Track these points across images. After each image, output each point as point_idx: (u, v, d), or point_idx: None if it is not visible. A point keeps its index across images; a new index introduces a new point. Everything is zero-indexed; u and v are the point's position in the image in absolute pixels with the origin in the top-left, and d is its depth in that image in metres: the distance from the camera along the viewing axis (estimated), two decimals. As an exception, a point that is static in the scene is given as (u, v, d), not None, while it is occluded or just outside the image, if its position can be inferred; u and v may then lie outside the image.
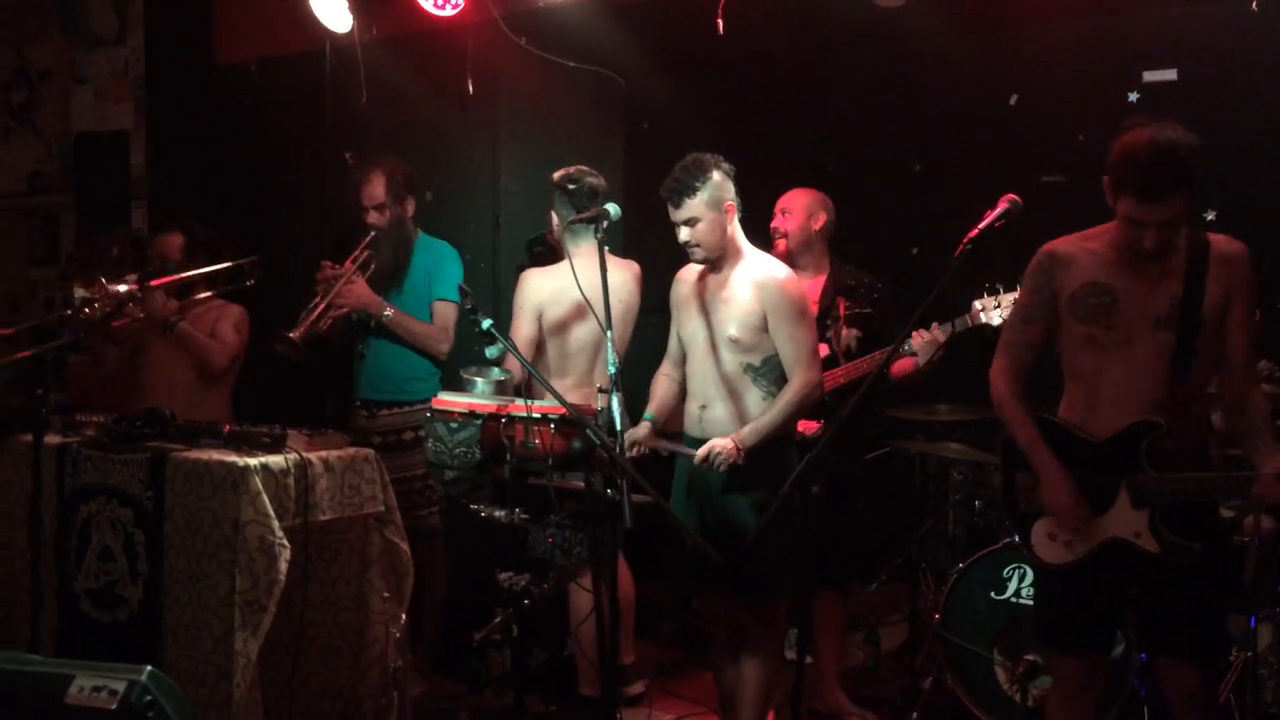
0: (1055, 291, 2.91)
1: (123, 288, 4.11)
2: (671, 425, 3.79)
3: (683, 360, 3.67)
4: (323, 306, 4.16)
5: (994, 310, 3.86)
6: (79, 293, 4.09)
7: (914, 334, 3.96)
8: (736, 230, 3.53)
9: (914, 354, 3.95)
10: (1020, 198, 2.84)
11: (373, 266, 4.31)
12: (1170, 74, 4.56)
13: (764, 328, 3.45)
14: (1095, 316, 2.84)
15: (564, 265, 3.88)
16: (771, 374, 3.48)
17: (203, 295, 4.46)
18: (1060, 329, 2.93)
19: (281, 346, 4.11)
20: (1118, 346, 2.83)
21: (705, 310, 3.54)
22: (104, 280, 4.09)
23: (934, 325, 3.98)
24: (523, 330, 3.99)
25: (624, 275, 4.08)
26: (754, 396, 3.48)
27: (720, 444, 3.37)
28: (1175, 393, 2.77)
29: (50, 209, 6.88)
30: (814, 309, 3.82)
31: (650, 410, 3.69)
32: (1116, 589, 2.90)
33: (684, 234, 3.47)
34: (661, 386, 3.74)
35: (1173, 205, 2.71)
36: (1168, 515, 2.78)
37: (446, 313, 4.36)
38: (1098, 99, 4.69)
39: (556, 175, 4.07)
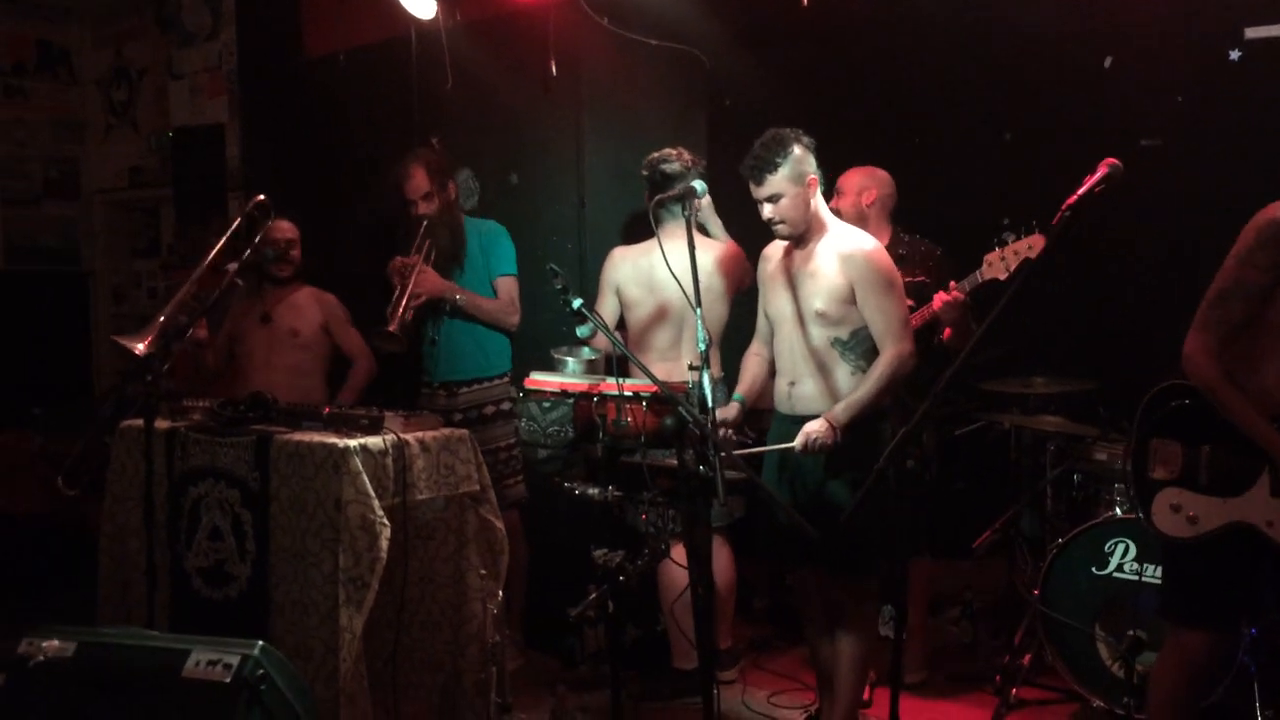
0: None
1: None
2: (762, 403, 3.79)
3: (771, 337, 3.65)
4: (406, 297, 4.26)
5: (1000, 264, 3.75)
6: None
7: (935, 296, 3.91)
8: (820, 204, 3.50)
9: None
10: (1119, 161, 2.75)
11: (433, 254, 4.41)
12: (1277, 30, 4.38)
13: (851, 300, 3.41)
14: None
15: (650, 243, 3.90)
16: (860, 347, 3.45)
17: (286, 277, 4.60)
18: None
19: (383, 341, 4.26)
20: None
21: (791, 285, 3.52)
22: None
23: (952, 284, 3.92)
24: (602, 307, 4.07)
25: (706, 255, 4.07)
26: (843, 371, 3.45)
27: (815, 428, 3.34)
28: None
29: (150, 202, 7.12)
30: None
31: (740, 390, 3.69)
32: (1244, 569, 2.81)
33: (767, 210, 3.45)
34: (751, 365, 3.73)
35: None
36: None
37: (509, 286, 4.49)
38: (1196, 58, 4.53)
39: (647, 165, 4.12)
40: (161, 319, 3.60)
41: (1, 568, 5.38)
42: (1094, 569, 3.82)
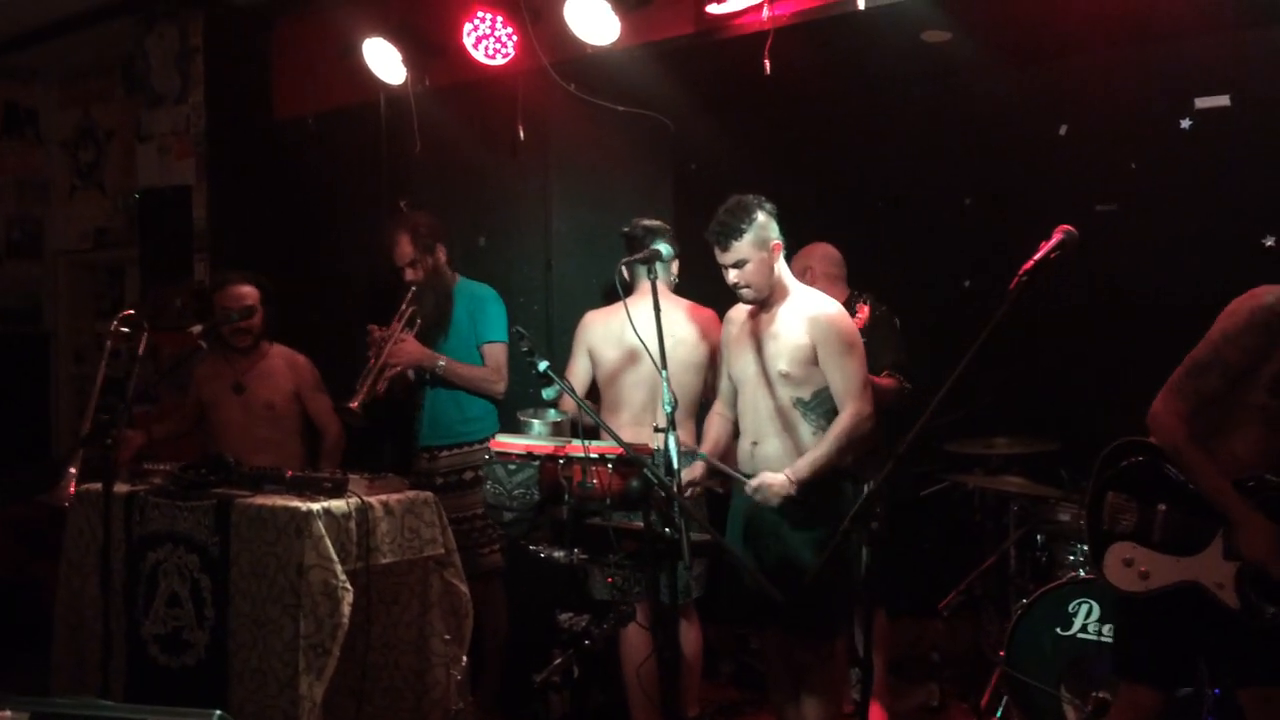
0: (1275, 350, 2.75)
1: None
2: (726, 462, 3.80)
3: (734, 399, 3.68)
4: (377, 369, 4.24)
5: None
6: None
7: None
8: (783, 268, 3.55)
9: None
10: (1075, 228, 2.81)
11: (419, 321, 4.39)
12: (1223, 100, 4.52)
13: (814, 361, 3.46)
14: None
15: (620, 305, 3.91)
16: (821, 408, 3.48)
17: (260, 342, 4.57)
18: (1264, 369, 2.78)
19: (344, 415, 4.25)
20: None
21: (755, 348, 3.56)
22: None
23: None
24: (575, 370, 4.06)
25: (684, 318, 4.08)
26: (805, 430, 3.48)
27: (772, 477, 3.38)
28: None
29: (116, 263, 7.08)
30: None
31: (704, 449, 3.71)
32: (1189, 629, 2.84)
33: (732, 276, 3.50)
34: (715, 425, 3.76)
35: None
36: (1259, 576, 2.72)
37: (496, 353, 4.44)
38: (1149, 127, 4.66)
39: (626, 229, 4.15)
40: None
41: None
42: (1058, 629, 3.83)
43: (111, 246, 7.03)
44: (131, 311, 4.38)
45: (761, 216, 3.47)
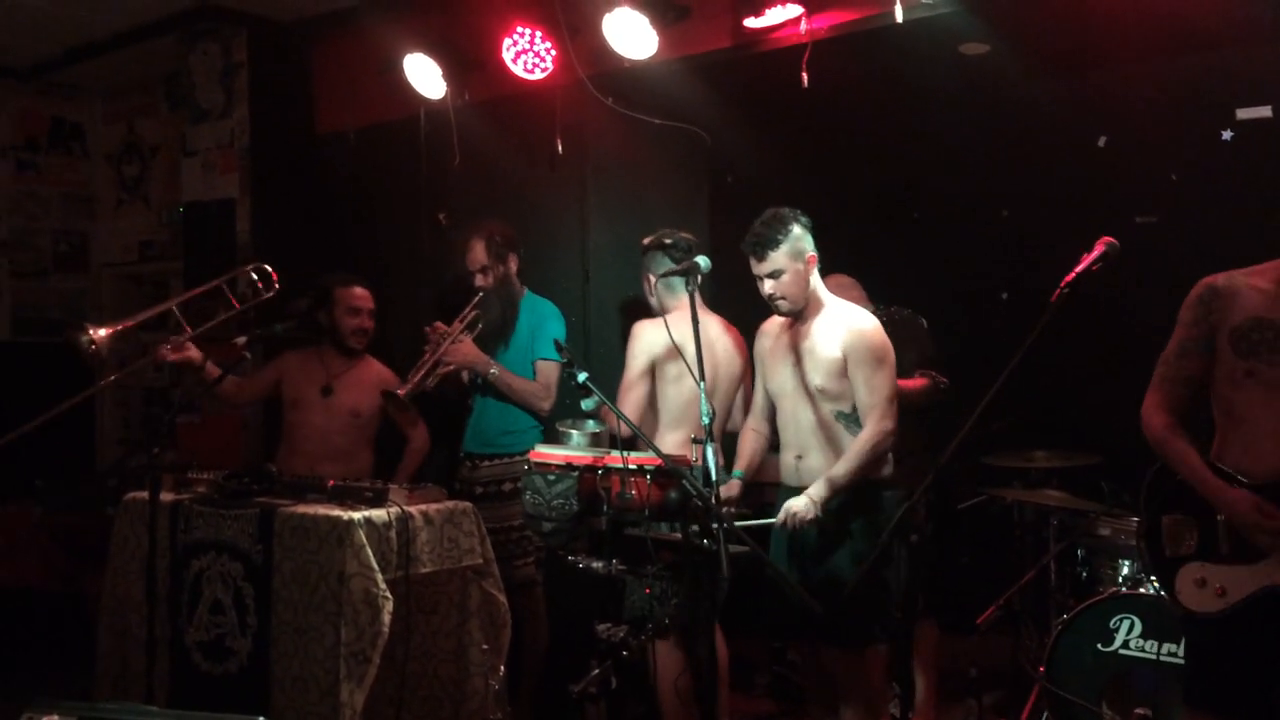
0: (1214, 326, 2.80)
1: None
2: (761, 476, 3.79)
3: (770, 413, 3.68)
4: (430, 364, 4.25)
5: None
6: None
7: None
8: (817, 281, 3.57)
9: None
10: (1116, 240, 2.80)
11: (480, 326, 4.40)
12: (1265, 111, 4.48)
13: (847, 374, 3.47)
14: (1258, 352, 2.72)
15: (676, 316, 3.86)
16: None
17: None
18: (1217, 365, 2.81)
19: (388, 401, 4.23)
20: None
21: (793, 361, 3.56)
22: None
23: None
24: (635, 382, 3.94)
25: (722, 333, 4.04)
26: (848, 443, 3.48)
27: (795, 504, 3.39)
28: None
29: (160, 275, 7.19)
30: None
31: (739, 466, 3.71)
32: (1275, 645, 2.70)
33: (768, 286, 3.52)
34: (749, 441, 3.75)
35: None
36: None
37: (549, 371, 4.43)
38: (1190, 138, 4.63)
39: (648, 240, 4.10)
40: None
41: (1, 641, 5.33)
42: (1099, 645, 3.79)
43: (156, 259, 7.14)
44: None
45: (797, 229, 3.49)
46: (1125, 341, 4.68)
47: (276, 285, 4.32)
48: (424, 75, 4.97)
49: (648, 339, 3.93)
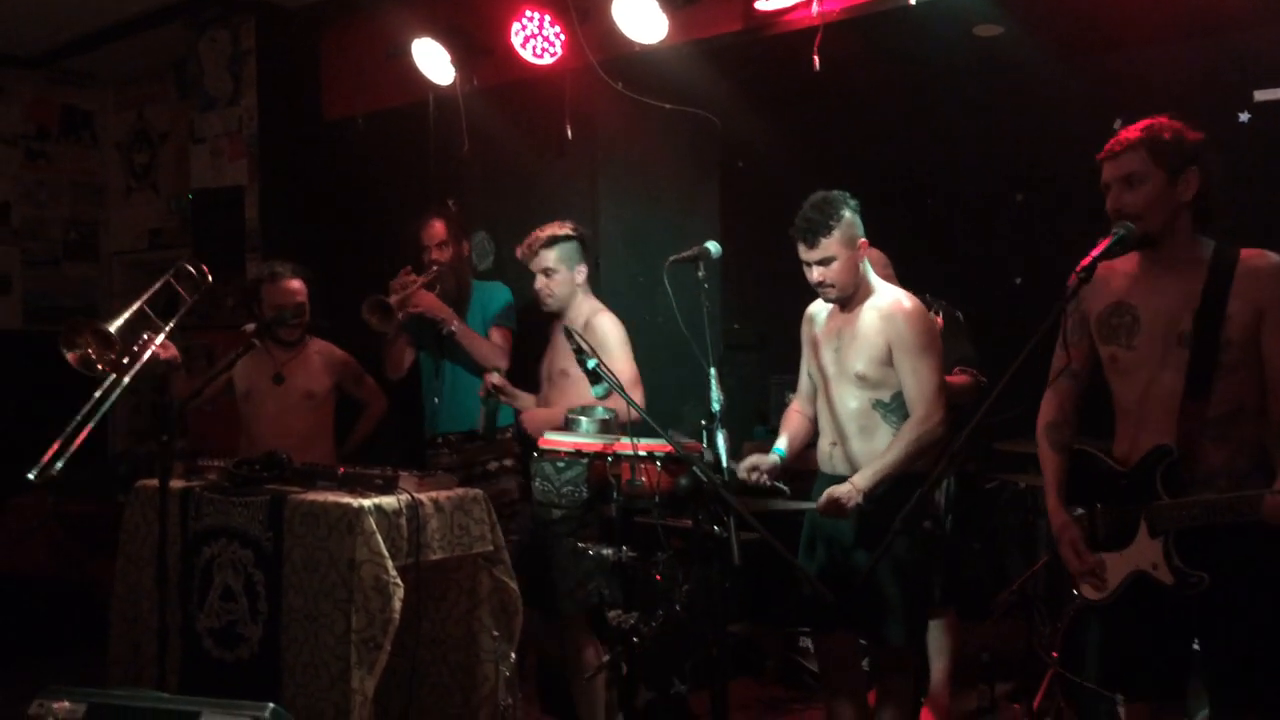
0: (1085, 314, 2.80)
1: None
2: (802, 464, 3.71)
3: (814, 396, 3.62)
4: (398, 299, 4.35)
5: None
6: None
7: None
8: (867, 267, 3.47)
9: None
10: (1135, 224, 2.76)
11: (438, 288, 4.49)
12: (1283, 93, 4.43)
13: (890, 362, 3.35)
14: (1116, 337, 2.72)
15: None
16: (902, 409, 3.37)
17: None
18: (1096, 354, 2.81)
19: (373, 312, 4.32)
20: (1138, 368, 2.69)
21: (835, 347, 3.48)
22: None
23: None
24: (627, 367, 3.98)
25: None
26: (885, 433, 3.37)
27: (839, 491, 3.28)
28: (1190, 414, 2.59)
29: (170, 263, 7.17)
30: None
31: (780, 444, 3.59)
32: (1159, 629, 2.69)
33: (816, 274, 3.39)
34: (793, 422, 3.65)
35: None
36: (1185, 545, 2.59)
37: (502, 335, 4.54)
38: (1207, 121, 4.56)
39: (564, 230, 4.03)
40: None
41: (13, 629, 5.36)
42: (1114, 632, 3.76)
43: (166, 247, 7.14)
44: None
45: (848, 213, 3.38)
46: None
47: (209, 279, 4.32)
48: (432, 60, 4.95)
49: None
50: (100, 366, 3.83)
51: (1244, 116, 4.51)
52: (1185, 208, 2.67)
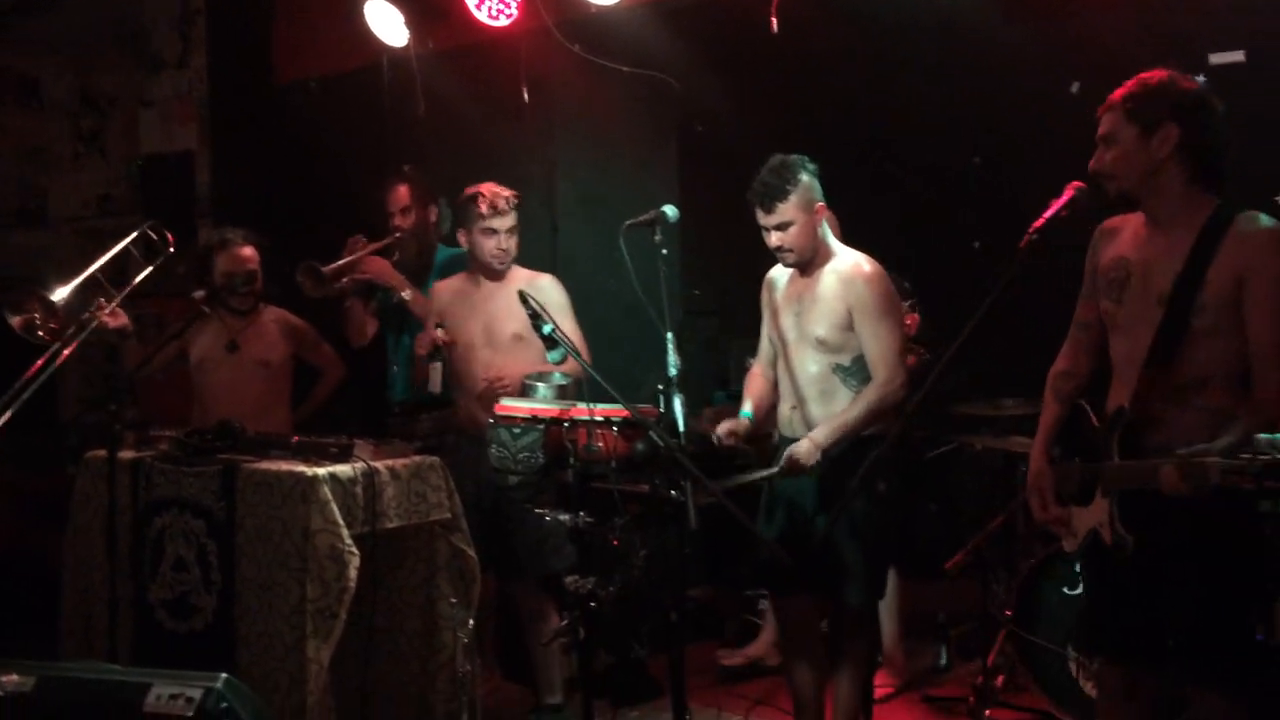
0: (1094, 267, 2.79)
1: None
2: (771, 424, 3.72)
3: (775, 360, 3.63)
4: (347, 263, 4.31)
5: None
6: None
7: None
8: (825, 230, 3.47)
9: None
10: (1087, 185, 2.76)
11: (395, 256, 4.44)
12: (1238, 55, 4.44)
13: (850, 326, 3.37)
14: (1111, 292, 2.70)
15: None
16: (861, 373, 3.40)
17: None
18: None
19: (306, 276, 4.28)
20: (1125, 325, 2.67)
21: (795, 311, 3.50)
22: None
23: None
24: (573, 331, 3.98)
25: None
26: (844, 397, 3.40)
27: (797, 449, 3.32)
28: (1152, 377, 2.54)
29: (119, 230, 7.03)
30: None
31: (746, 407, 3.62)
32: (1114, 590, 2.68)
33: (775, 238, 3.40)
34: (756, 385, 3.68)
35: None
36: (1131, 508, 2.55)
37: None
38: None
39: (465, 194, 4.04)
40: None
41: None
42: (1065, 589, 3.82)
43: (115, 214, 6.99)
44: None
45: (806, 177, 3.38)
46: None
47: (171, 248, 4.19)
48: (386, 22, 4.86)
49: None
50: (41, 334, 3.74)
51: (1199, 79, 4.51)
52: (1168, 163, 2.59)
